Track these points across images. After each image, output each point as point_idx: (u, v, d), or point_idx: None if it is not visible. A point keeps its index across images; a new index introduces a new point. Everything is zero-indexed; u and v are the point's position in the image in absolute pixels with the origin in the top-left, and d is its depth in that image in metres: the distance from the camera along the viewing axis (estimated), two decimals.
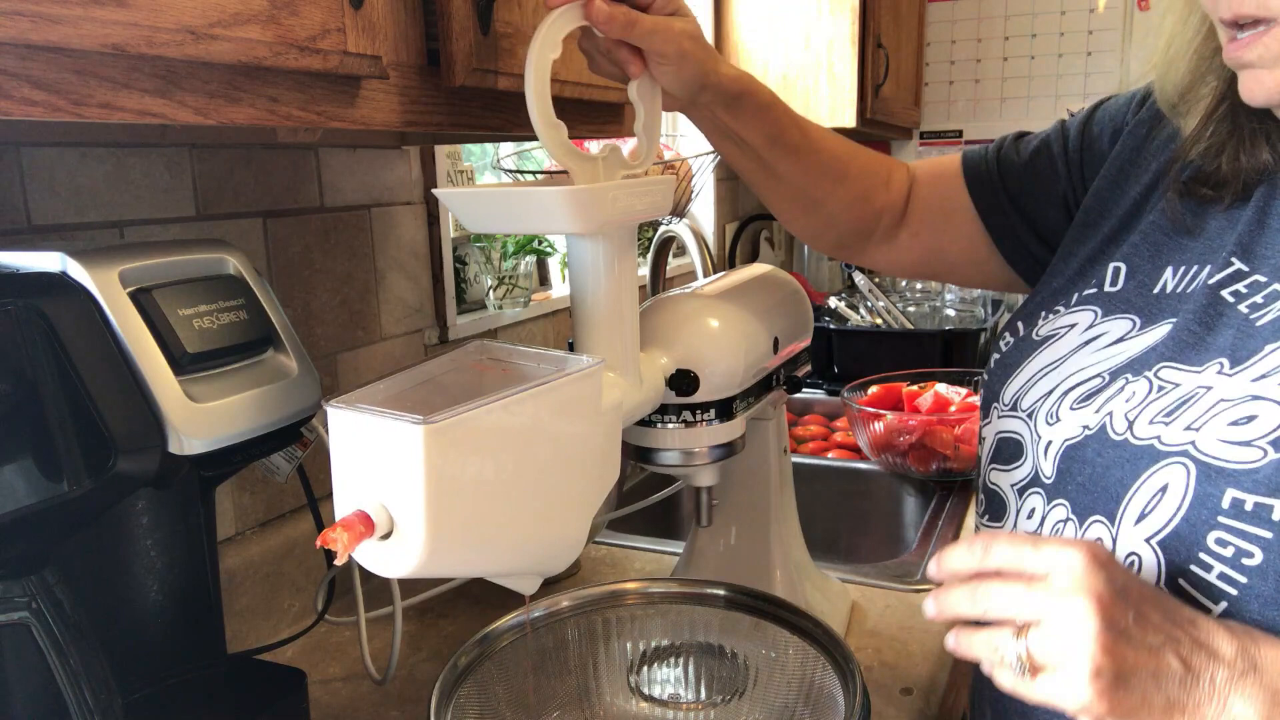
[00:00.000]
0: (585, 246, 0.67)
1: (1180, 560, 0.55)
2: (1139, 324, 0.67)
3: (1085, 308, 0.71)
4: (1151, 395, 0.60)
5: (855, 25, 1.97)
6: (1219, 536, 0.54)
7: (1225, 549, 0.54)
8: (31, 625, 0.54)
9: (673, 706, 0.79)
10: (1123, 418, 0.61)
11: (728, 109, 0.75)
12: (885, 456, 1.44)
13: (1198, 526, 0.55)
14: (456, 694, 0.68)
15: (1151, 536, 0.57)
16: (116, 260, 0.58)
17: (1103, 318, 0.69)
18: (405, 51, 0.66)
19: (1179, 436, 0.57)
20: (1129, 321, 0.67)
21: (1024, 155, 0.83)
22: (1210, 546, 0.54)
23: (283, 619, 1.03)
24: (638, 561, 1.20)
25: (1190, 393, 0.59)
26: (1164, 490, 0.57)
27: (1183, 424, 0.57)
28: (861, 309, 2.13)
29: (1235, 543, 0.53)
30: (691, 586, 0.80)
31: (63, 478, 0.52)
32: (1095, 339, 0.68)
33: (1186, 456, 0.56)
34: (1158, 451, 0.58)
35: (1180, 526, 0.55)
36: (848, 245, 0.91)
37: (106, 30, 0.44)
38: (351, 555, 0.52)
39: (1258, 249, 0.62)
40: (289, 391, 0.65)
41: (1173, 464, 0.57)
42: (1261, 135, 0.64)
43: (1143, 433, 0.59)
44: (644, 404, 0.73)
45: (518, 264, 1.43)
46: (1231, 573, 0.54)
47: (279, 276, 1.02)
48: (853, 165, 0.85)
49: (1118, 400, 0.62)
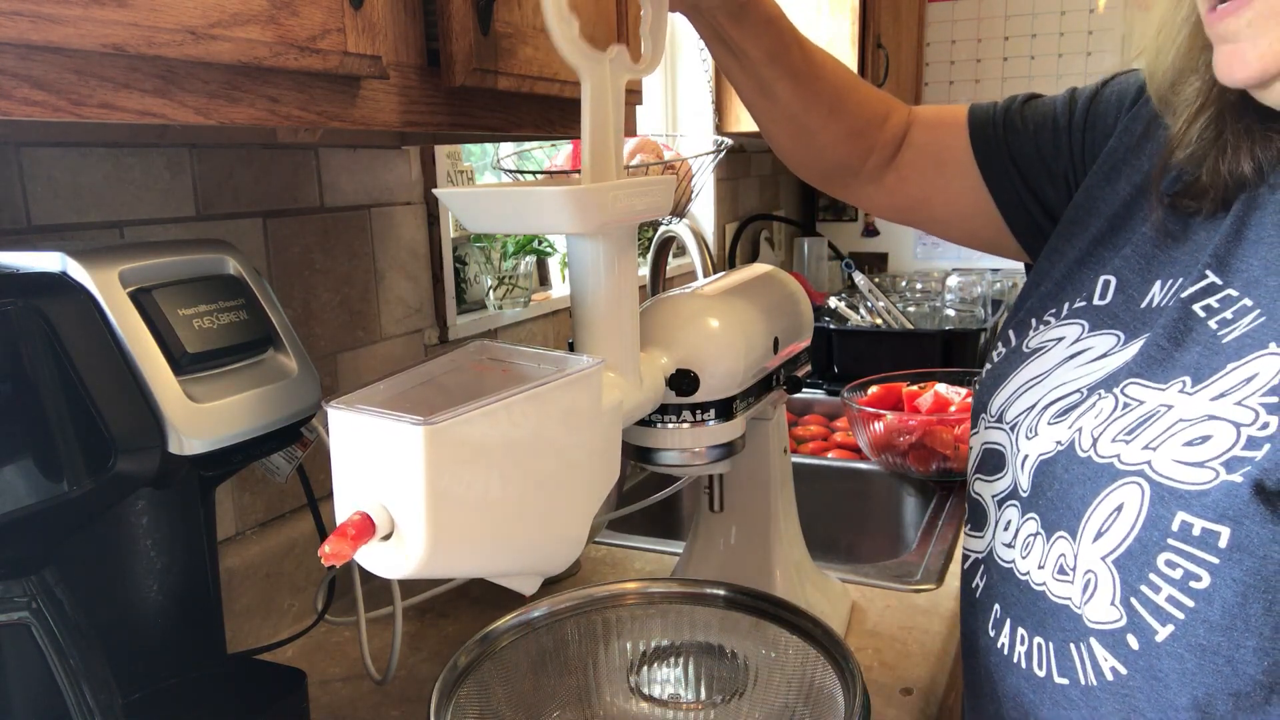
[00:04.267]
0: (585, 246, 0.67)
1: (1133, 580, 0.55)
2: (1123, 339, 0.65)
3: (1073, 321, 0.70)
4: (1116, 412, 0.60)
5: (855, 25, 1.97)
6: (1168, 558, 0.54)
7: (1174, 571, 0.53)
8: (31, 625, 0.54)
9: (673, 706, 0.79)
10: (1089, 435, 0.61)
11: (731, 16, 0.74)
12: (885, 456, 1.44)
13: (1149, 547, 0.54)
14: (456, 694, 0.68)
15: (1107, 555, 0.57)
16: (116, 260, 0.58)
17: (1089, 332, 0.68)
18: (405, 51, 0.66)
19: (1137, 456, 0.57)
20: (1114, 337, 0.66)
21: (1030, 124, 0.80)
22: (1160, 568, 0.54)
23: (283, 619, 1.03)
24: (638, 561, 1.20)
25: (1152, 411, 0.58)
26: (1119, 509, 0.56)
27: (1141, 443, 0.57)
28: (861, 309, 2.13)
29: (1184, 565, 0.53)
30: (691, 586, 0.80)
31: (63, 478, 0.52)
32: (1080, 354, 0.67)
33: (1142, 476, 0.56)
34: (1116, 470, 0.57)
35: (1133, 546, 0.55)
36: (832, 179, 0.89)
37: (106, 30, 0.44)
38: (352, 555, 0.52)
39: (1232, 261, 0.60)
40: (289, 391, 0.65)
41: (1129, 483, 0.56)
42: (1246, 143, 0.61)
43: (1105, 450, 0.59)
44: (644, 404, 0.73)
45: (518, 264, 1.43)
46: (1179, 595, 0.53)
47: (279, 276, 1.02)
48: (851, 98, 0.83)
49: (1088, 416, 0.62)
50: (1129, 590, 0.55)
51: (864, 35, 1.99)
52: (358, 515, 0.50)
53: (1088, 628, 0.59)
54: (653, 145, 1.41)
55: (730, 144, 1.40)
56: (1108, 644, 0.57)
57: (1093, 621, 0.58)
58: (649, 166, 1.34)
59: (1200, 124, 0.63)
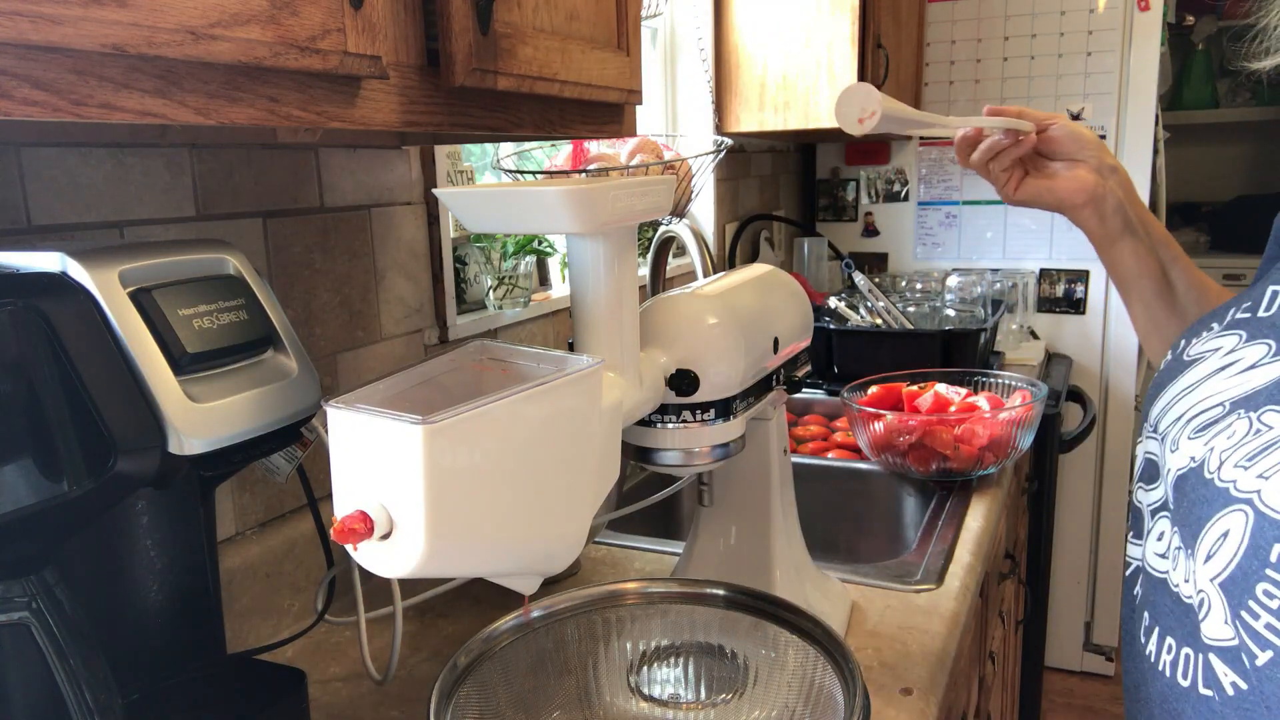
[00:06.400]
0: (585, 246, 0.67)
1: (1235, 605, 0.56)
2: (1274, 349, 0.64)
3: (1234, 331, 0.69)
4: (1247, 437, 0.60)
5: (855, 25, 1.97)
6: (1266, 588, 0.54)
7: (1272, 601, 0.54)
8: (31, 625, 0.54)
9: (672, 706, 0.79)
10: (1218, 456, 0.61)
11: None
12: (885, 456, 1.44)
13: (1250, 575, 0.55)
14: (457, 694, 0.68)
15: (1215, 577, 0.58)
16: (116, 260, 0.58)
17: (1245, 342, 0.67)
18: (405, 51, 0.66)
19: (1251, 484, 0.57)
20: (1266, 346, 0.64)
21: None
22: (1259, 596, 0.55)
23: (283, 619, 1.03)
24: (638, 561, 1.20)
25: (1276, 438, 0.58)
26: (1225, 535, 0.57)
27: (1257, 471, 0.57)
28: (861, 309, 2.12)
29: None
30: (691, 586, 0.80)
31: (63, 478, 0.52)
32: (1232, 364, 0.66)
33: (1250, 505, 0.56)
34: (1230, 496, 0.58)
35: (1235, 573, 0.56)
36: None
37: (106, 30, 0.44)
38: (352, 555, 0.52)
39: None
40: (289, 391, 0.65)
41: (1237, 510, 0.57)
42: None
43: (1226, 475, 0.59)
44: (644, 404, 0.73)
45: (518, 264, 1.43)
46: (1277, 623, 0.54)
47: (279, 276, 1.02)
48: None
49: (1220, 437, 0.62)
50: (1235, 613, 0.56)
51: (864, 35, 1.98)
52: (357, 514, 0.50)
53: (1207, 644, 0.59)
54: (653, 145, 1.41)
55: (730, 144, 1.40)
56: (1227, 660, 0.58)
57: (1209, 638, 0.59)
58: (649, 166, 1.34)
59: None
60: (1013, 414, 1.38)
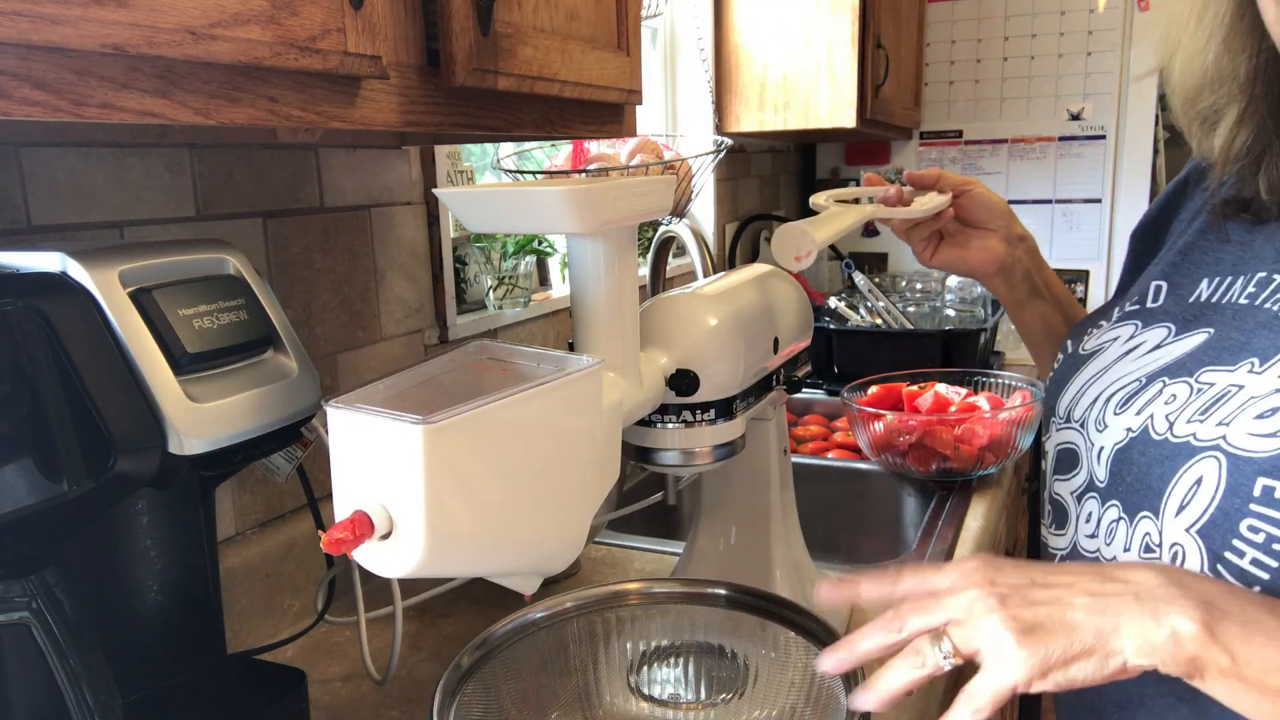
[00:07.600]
0: (585, 246, 0.67)
1: (1216, 548, 0.58)
2: (1174, 331, 0.69)
3: (1127, 322, 0.74)
4: (1191, 397, 0.63)
5: (855, 25, 1.97)
6: (1250, 524, 0.56)
7: (1257, 535, 0.56)
8: (31, 625, 0.54)
9: (673, 706, 0.78)
10: (1163, 419, 0.64)
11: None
12: (885, 456, 1.44)
13: (1230, 515, 0.57)
14: (459, 694, 0.68)
15: (1190, 526, 0.59)
16: (116, 260, 0.58)
17: (1142, 329, 0.72)
18: (405, 51, 0.66)
19: (1212, 432, 0.60)
20: (1165, 329, 0.70)
21: None
22: (1243, 533, 0.56)
23: (283, 619, 1.03)
24: (638, 561, 1.20)
25: (1223, 391, 0.61)
26: (1199, 482, 0.59)
27: (1215, 420, 0.60)
28: (861, 309, 2.13)
29: (1266, 529, 0.55)
30: (692, 586, 0.80)
31: (63, 478, 0.52)
32: (1135, 348, 0.71)
33: (1218, 450, 0.59)
34: (1193, 447, 0.60)
35: (1215, 515, 0.58)
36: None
37: (106, 30, 0.44)
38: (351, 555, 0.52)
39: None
40: (289, 391, 0.65)
41: (1207, 457, 0.59)
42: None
43: (1180, 431, 0.62)
44: (644, 404, 0.73)
45: (518, 264, 1.43)
46: (1263, 557, 0.56)
47: (279, 276, 1.02)
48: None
49: (1157, 403, 0.65)
50: (1214, 558, 0.58)
51: (864, 35, 1.98)
52: (357, 514, 0.50)
53: None
54: (653, 145, 1.41)
55: (730, 144, 1.40)
56: None
57: None
58: (649, 166, 1.34)
59: (1242, 137, 0.66)
60: (1013, 414, 1.38)
